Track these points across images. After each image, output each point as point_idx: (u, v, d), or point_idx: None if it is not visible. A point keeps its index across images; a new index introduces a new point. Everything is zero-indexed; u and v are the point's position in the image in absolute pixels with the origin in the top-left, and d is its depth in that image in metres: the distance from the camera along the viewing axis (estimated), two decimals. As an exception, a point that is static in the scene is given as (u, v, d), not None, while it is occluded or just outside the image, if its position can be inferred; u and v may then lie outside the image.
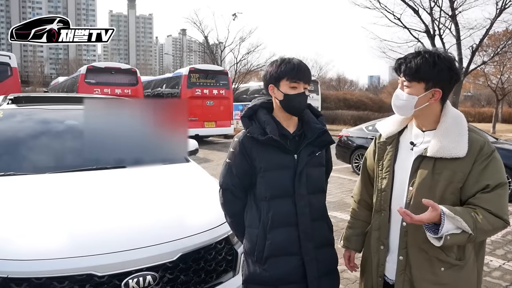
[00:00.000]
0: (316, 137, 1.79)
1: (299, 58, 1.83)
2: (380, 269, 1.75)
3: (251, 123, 1.80)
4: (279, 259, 1.75)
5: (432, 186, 1.57)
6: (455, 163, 1.53)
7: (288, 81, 1.73)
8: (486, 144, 1.55)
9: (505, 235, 5.20)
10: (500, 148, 7.44)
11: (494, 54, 19.39)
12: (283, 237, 1.75)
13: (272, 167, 1.75)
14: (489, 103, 47.94)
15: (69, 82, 18.01)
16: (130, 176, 2.85)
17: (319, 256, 1.79)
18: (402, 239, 1.65)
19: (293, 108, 1.76)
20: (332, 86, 58.24)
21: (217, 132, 16.45)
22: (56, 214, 2.13)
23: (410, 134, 1.72)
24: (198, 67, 16.47)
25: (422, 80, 1.56)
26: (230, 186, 1.85)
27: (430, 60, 1.54)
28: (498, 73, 25.96)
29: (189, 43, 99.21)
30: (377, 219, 1.78)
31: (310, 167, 1.78)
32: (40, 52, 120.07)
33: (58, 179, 2.63)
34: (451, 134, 1.56)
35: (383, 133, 1.80)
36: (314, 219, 1.79)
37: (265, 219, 1.76)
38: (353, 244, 1.96)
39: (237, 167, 1.82)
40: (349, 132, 9.99)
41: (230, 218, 1.93)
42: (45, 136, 3.14)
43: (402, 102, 1.62)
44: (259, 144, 1.75)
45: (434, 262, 1.59)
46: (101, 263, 1.84)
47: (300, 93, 1.74)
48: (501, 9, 15.66)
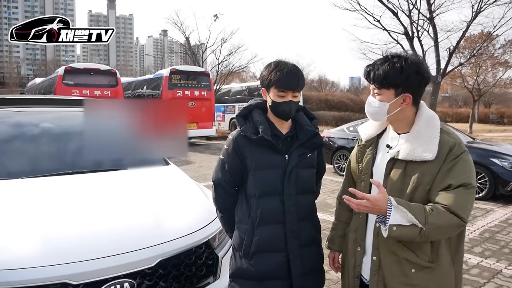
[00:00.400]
0: (308, 139, 1.85)
1: (293, 63, 1.83)
2: (356, 269, 1.78)
3: (246, 122, 1.86)
4: (265, 255, 1.81)
5: (402, 188, 1.59)
6: (425, 166, 1.55)
7: (276, 90, 1.78)
8: (457, 145, 1.55)
9: (483, 232, 5.31)
10: (477, 148, 7.61)
11: (470, 56, 19.85)
12: (270, 234, 1.81)
13: (263, 166, 1.81)
14: (466, 103, 49.07)
15: (47, 83, 17.59)
16: (107, 180, 2.78)
17: (304, 254, 1.84)
18: (374, 240, 1.69)
19: (279, 114, 1.83)
20: (314, 87, 58.65)
21: (198, 133, 16.32)
22: (29, 220, 2.05)
23: (387, 137, 1.75)
24: (179, 68, 16.33)
25: (391, 87, 1.58)
26: (222, 182, 1.91)
27: (398, 66, 1.55)
28: (474, 74, 26.62)
29: (170, 44, 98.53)
30: (355, 221, 1.82)
31: (300, 168, 1.83)
32: (16, 53, 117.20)
33: (32, 184, 2.55)
34: (422, 137, 1.58)
35: (362, 136, 1.84)
36: (301, 218, 1.85)
37: (254, 215, 1.82)
38: (336, 245, 1.99)
39: (230, 164, 1.88)
40: (331, 133, 10.07)
41: (221, 213, 1.99)
42: (19, 140, 3.04)
43: (374, 109, 1.65)
44: (251, 143, 1.81)
45: (404, 264, 1.60)
46: (76, 271, 1.78)
47: (286, 101, 1.79)
48: (477, 12, 16.05)
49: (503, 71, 28.91)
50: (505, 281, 3.81)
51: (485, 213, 6.32)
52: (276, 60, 1.84)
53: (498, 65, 27.36)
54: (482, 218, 6.01)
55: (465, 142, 7.93)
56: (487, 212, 6.38)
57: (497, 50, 23.56)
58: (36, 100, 4.05)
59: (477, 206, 6.69)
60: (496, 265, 4.19)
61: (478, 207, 6.63)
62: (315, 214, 1.97)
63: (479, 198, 7.08)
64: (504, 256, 4.45)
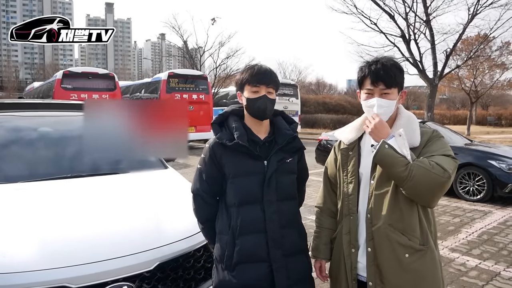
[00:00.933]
0: (286, 143, 1.81)
1: (264, 64, 1.86)
2: (353, 272, 1.78)
3: (221, 129, 1.83)
4: (247, 266, 1.75)
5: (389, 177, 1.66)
6: None
7: (250, 86, 1.78)
8: (434, 132, 1.73)
9: (481, 234, 5.32)
10: (475, 150, 7.64)
11: (467, 58, 19.93)
12: (252, 244, 1.76)
13: (241, 173, 1.77)
14: (464, 105, 49.22)
15: (45, 87, 17.59)
16: (106, 183, 2.79)
17: (289, 264, 1.79)
18: (368, 230, 1.71)
19: (255, 111, 1.79)
20: (312, 90, 58.73)
21: (197, 137, 16.32)
22: (28, 224, 2.06)
23: (369, 138, 1.77)
24: (177, 72, 16.34)
25: (397, 86, 1.71)
26: (201, 192, 1.87)
27: (398, 67, 1.71)
28: (472, 76, 26.72)
29: (168, 47, 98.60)
30: (347, 222, 1.81)
31: (280, 174, 1.79)
32: (14, 57, 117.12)
33: (31, 188, 2.55)
34: (405, 128, 1.68)
35: (344, 140, 1.87)
36: (283, 226, 1.80)
37: (234, 225, 1.77)
38: (322, 253, 1.97)
39: (207, 173, 1.84)
40: (329, 136, 10.07)
41: (202, 224, 1.95)
42: (18, 144, 3.04)
43: (385, 109, 1.69)
44: (228, 150, 1.77)
45: (398, 248, 1.64)
46: (75, 274, 1.78)
47: (260, 96, 1.77)
48: (473, 15, 16.13)
49: (500, 73, 29.05)
50: (504, 283, 3.82)
51: (483, 215, 6.33)
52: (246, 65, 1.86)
53: (495, 67, 27.47)
54: (481, 220, 6.03)
55: (463, 144, 7.97)
56: (485, 214, 6.39)
57: (493, 52, 23.65)
58: (34, 105, 4.05)
59: (475, 208, 6.71)
60: (494, 267, 4.19)
61: (476, 209, 6.65)
62: (299, 221, 1.92)
63: (477, 200, 7.10)
64: (502, 258, 4.46)
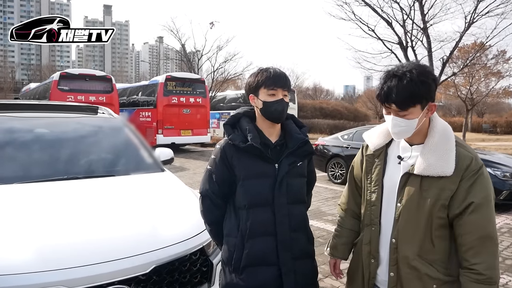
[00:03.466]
0: (297, 147, 1.80)
1: (276, 67, 1.85)
2: (371, 281, 1.74)
3: (234, 130, 1.81)
4: (256, 269, 1.74)
5: (420, 203, 1.55)
6: (442, 181, 1.51)
7: (266, 89, 1.76)
8: (474, 160, 1.51)
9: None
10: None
11: (463, 66, 20.03)
12: (261, 247, 1.74)
13: (252, 175, 1.75)
14: (460, 112, 49.50)
15: (42, 88, 17.52)
16: (102, 186, 2.78)
17: (297, 268, 1.78)
18: (392, 256, 1.63)
19: (272, 114, 1.78)
20: (309, 95, 58.91)
21: (193, 140, 16.31)
22: (24, 226, 2.05)
23: (398, 147, 1.68)
24: (175, 75, 16.35)
25: (418, 103, 1.50)
26: (210, 193, 1.83)
27: (417, 79, 1.48)
28: (468, 84, 26.85)
29: (166, 50, 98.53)
30: (368, 233, 1.75)
31: (290, 177, 1.78)
32: (11, 57, 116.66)
33: (27, 190, 2.54)
34: (438, 150, 1.52)
35: (370, 146, 1.77)
36: (293, 230, 1.79)
37: (244, 228, 1.75)
38: (340, 252, 1.94)
39: (218, 174, 1.81)
40: (325, 141, 10.10)
41: (209, 226, 1.92)
42: (14, 145, 3.03)
43: (402, 129, 1.55)
44: (240, 152, 1.76)
45: (425, 280, 1.56)
46: (71, 277, 1.78)
47: (278, 99, 1.76)
48: (470, 23, 16.24)
49: (496, 81, 29.21)
50: (498, 289, 3.84)
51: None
52: (259, 67, 1.85)
53: (491, 75, 27.63)
54: (475, 227, 6.04)
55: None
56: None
57: (489, 60, 23.78)
58: (31, 106, 4.04)
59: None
60: (488, 274, 4.21)
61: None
62: (308, 225, 1.91)
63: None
64: (496, 265, 4.48)
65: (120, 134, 3.60)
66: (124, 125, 3.76)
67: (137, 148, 3.48)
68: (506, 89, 33.59)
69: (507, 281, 4.04)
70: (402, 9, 16.58)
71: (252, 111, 1.87)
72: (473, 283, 1.46)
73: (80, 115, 3.73)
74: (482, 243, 1.47)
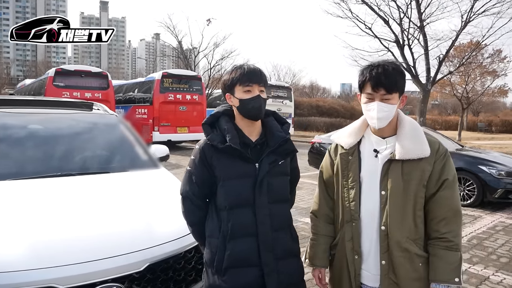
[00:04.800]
0: (278, 146, 1.77)
1: (251, 63, 1.84)
2: (357, 279, 1.77)
3: (212, 130, 1.78)
4: (238, 270, 1.72)
5: (405, 187, 1.67)
6: (421, 163, 1.67)
7: (241, 86, 1.74)
8: (440, 145, 1.73)
9: (471, 239, 5.36)
10: (465, 155, 7.70)
11: (459, 65, 20.11)
12: (242, 248, 1.72)
13: (232, 176, 1.73)
14: (455, 111, 49.68)
15: (37, 84, 17.41)
16: (96, 182, 2.76)
17: (281, 268, 1.76)
18: (382, 243, 1.70)
19: (250, 112, 1.75)
20: (305, 93, 58.84)
21: (190, 137, 16.26)
22: (17, 223, 2.03)
23: (370, 142, 1.79)
24: (171, 72, 16.26)
25: (398, 90, 1.69)
26: (190, 195, 1.81)
27: (399, 71, 1.69)
28: (463, 82, 26.95)
29: (162, 47, 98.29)
30: (349, 229, 1.79)
31: (272, 176, 1.76)
32: (6, 53, 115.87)
33: (20, 186, 2.52)
34: (413, 137, 1.69)
35: (344, 145, 1.84)
36: (275, 229, 1.77)
37: (225, 229, 1.73)
38: (321, 261, 1.93)
39: (197, 175, 1.79)
40: (322, 139, 10.08)
41: (191, 227, 1.90)
42: (7, 141, 3.00)
43: (385, 114, 1.68)
44: (219, 152, 1.73)
45: (414, 259, 1.68)
46: (63, 275, 1.76)
47: (254, 96, 1.73)
48: (466, 22, 16.29)
49: (491, 80, 29.36)
50: (492, 287, 3.85)
51: (473, 220, 6.38)
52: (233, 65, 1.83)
53: (487, 74, 27.76)
54: (470, 225, 6.07)
55: (454, 149, 8.02)
56: (475, 219, 6.44)
57: (485, 59, 23.92)
58: (26, 102, 4.01)
59: (465, 213, 6.76)
60: (483, 272, 4.22)
61: (466, 214, 6.70)
62: (291, 224, 1.88)
63: (468, 205, 7.15)
64: (491, 263, 4.49)
65: (115, 130, 3.57)
66: (119, 121, 3.73)
67: (132, 145, 3.46)
68: (502, 88, 33.81)
69: (501, 279, 4.06)
70: (399, 7, 16.62)
71: (232, 110, 1.84)
72: (443, 249, 1.65)
73: (75, 111, 3.70)
74: (453, 214, 1.67)
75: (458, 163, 7.27)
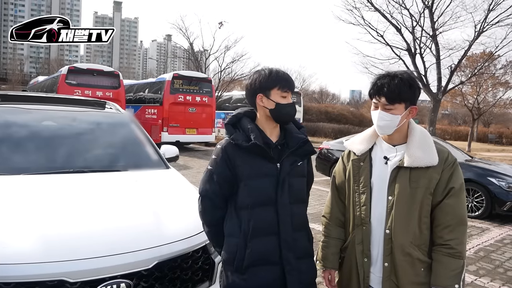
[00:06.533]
0: (298, 147, 1.81)
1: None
2: (365, 281, 1.82)
3: (235, 130, 1.80)
4: (259, 269, 1.73)
5: (411, 194, 1.71)
6: (429, 171, 1.71)
7: (280, 90, 1.77)
8: (449, 154, 1.77)
9: (478, 251, 5.31)
10: (475, 167, 7.63)
11: (471, 75, 19.97)
12: (264, 246, 1.74)
13: (255, 174, 1.75)
14: (465, 122, 49.25)
15: (49, 82, 17.63)
16: (108, 180, 2.80)
17: (301, 267, 1.79)
18: (386, 246, 1.75)
19: (283, 117, 1.80)
20: (315, 99, 58.80)
21: (198, 139, 16.34)
22: (29, 217, 2.07)
23: (381, 149, 1.85)
24: (182, 73, 16.38)
25: (403, 101, 1.72)
26: (210, 194, 1.82)
27: (407, 82, 1.72)
28: (475, 93, 26.74)
29: (173, 49, 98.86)
30: (359, 232, 1.84)
31: (292, 177, 1.79)
32: (20, 50, 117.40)
33: (33, 181, 2.57)
34: (422, 146, 1.74)
35: (356, 151, 1.90)
36: (295, 229, 1.80)
37: (246, 228, 1.74)
38: (331, 262, 1.97)
39: (219, 174, 1.80)
40: (330, 145, 10.07)
41: (208, 228, 1.90)
42: (20, 137, 3.05)
43: (386, 123, 1.74)
44: (242, 151, 1.75)
45: (416, 264, 1.72)
46: (74, 269, 1.79)
47: (291, 103, 1.80)
48: (480, 32, 16.20)
49: (504, 92, 29.07)
50: (499, 300, 3.82)
51: (481, 232, 6.32)
52: (265, 67, 1.84)
53: (499, 85, 27.50)
54: (478, 237, 6.02)
55: (463, 160, 7.97)
56: (482, 231, 6.38)
57: (498, 70, 23.72)
58: (39, 98, 4.07)
59: (473, 225, 6.70)
60: (490, 284, 4.19)
61: (474, 226, 6.64)
62: (308, 225, 1.92)
63: (476, 217, 7.09)
64: (498, 276, 4.45)
65: (127, 130, 3.62)
66: (131, 121, 3.78)
67: (143, 145, 3.50)
68: (514, 100, 33.41)
69: (508, 292, 4.02)
70: (412, 16, 16.58)
71: (253, 112, 1.87)
72: (445, 256, 1.68)
73: (88, 109, 3.76)
74: (458, 222, 1.69)
75: (467, 174, 7.22)
